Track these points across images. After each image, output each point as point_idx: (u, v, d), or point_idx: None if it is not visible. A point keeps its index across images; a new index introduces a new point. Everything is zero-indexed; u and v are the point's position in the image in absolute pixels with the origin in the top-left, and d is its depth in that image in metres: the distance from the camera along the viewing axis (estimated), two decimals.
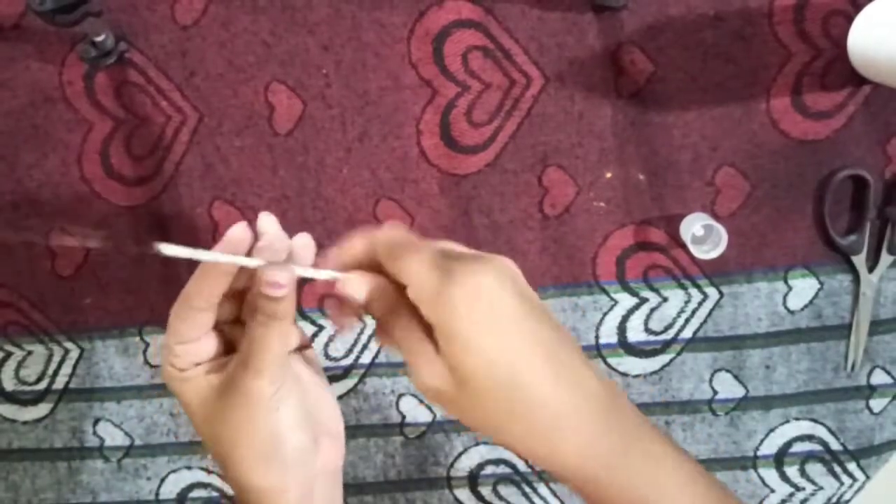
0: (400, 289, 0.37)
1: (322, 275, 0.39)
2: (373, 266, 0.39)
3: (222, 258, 0.37)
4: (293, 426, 0.40)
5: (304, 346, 0.43)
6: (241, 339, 0.39)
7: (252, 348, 0.38)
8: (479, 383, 0.36)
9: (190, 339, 0.39)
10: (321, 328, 0.61)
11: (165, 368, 0.40)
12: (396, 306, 0.38)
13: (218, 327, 0.40)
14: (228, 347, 0.41)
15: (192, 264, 0.61)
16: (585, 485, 0.37)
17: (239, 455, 0.39)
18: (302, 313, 0.60)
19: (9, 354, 0.63)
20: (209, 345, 0.40)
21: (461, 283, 0.35)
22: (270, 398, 0.38)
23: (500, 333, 0.36)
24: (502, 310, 0.36)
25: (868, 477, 0.60)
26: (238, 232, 0.38)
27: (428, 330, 0.36)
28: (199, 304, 0.38)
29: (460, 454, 0.62)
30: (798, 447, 0.60)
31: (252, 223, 0.59)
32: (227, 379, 0.39)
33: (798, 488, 0.61)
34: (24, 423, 0.64)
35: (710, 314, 0.59)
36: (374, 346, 0.61)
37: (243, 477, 0.39)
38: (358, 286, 0.38)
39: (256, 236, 0.39)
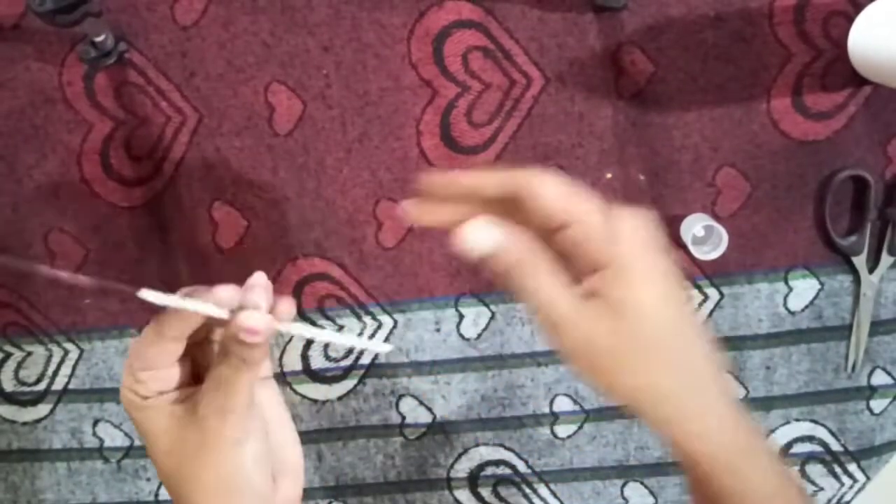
0: (535, 234, 0.35)
1: (295, 329, 0.38)
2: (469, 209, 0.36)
3: (202, 308, 0.36)
4: (254, 466, 0.39)
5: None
6: (209, 370, 0.38)
7: (221, 389, 0.37)
8: (648, 320, 0.34)
9: (157, 366, 0.38)
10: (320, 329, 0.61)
11: (125, 394, 0.38)
12: (532, 253, 0.35)
13: (185, 351, 0.39)
14: (194, 373, 0.40)
15: (190, 263, 0.61)
16: (715, 466, 0.36)
17: (198, 492, 0.38)
18: (301, 314, 0.60)
19: (8, 355, 0.63)
20: (175, 373, 0.39)
21: (639, 226, 0.35)
22: (236, 441, 0.38)
23: (667, 273, 0.35)
24: (666, 262, 0.35)
25: (868, 478, 0.60)
26: (227, 292, 0.37)
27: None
28: (173, 333, 0.37)
29: (460, 455, 0.62)
30: (799, 448, 0.60)
31: (252, 224, 0.59)
32: (191, 413, 0.38)
33: None
34: (24, 423, 0.64)
35: (710, 315, 0.59)
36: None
37: None
38: (487, 232, 0.35)
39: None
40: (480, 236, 0.34)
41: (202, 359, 0.40)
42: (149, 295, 0.35)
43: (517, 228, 0.35)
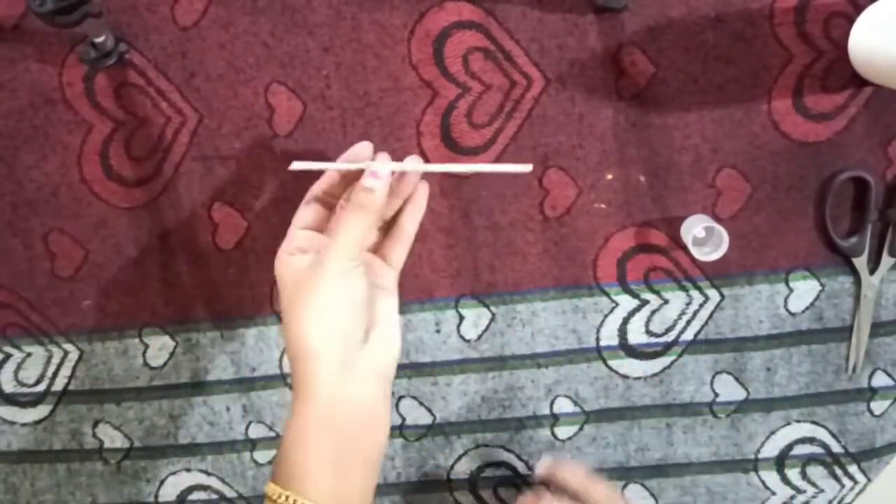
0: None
1: (399, 166, 0.49)
2: None
3: (343, 166, 0.50)
4: (347, 305, 0.46)
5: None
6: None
7: (336, 227, 0.46)
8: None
9: (308, 224, 0.49)
10: None
11: (280, 256, 0.48)
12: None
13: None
14: None
15: (190, 264, 0.61)
16: None
17: (296, 313, 0.45)
18: None
19: (8, 356, 0.63)
20: (315, 237, 0.49)
21: None
22: (338, 272, 0.45)
23: None
24: None
25: (869, 479, 0.60)
26: (361, 146, 0.51)
27: None
28: (315, 192, 0.50)
29: (460, 457, 0.62)
30: (799, 450, 0.60)
31: (252, 225, 0.59)
32: (314, 255, 0.47)
33: (799, 491, 0.61)
34: (24, 424, 0.64)
35: (711, 316, 0.59)
36: None
37: (292, 330, 0.45)
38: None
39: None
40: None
41: None
42: (299, 165, 0.49)
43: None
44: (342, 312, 0.45)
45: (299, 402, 0.45)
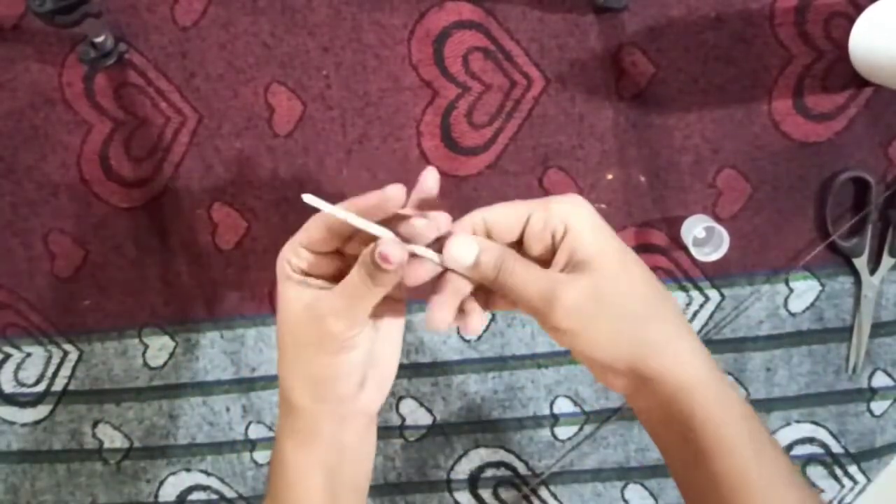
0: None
1: (430, 255, 0.41)
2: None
3: (356, 221, 0.40)
4: (349, 370, 0.42)
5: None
6: (346, 276, 0.42)
7: (346, 296, 0.40)
8: (625, 278, 0.39)
9: (314, 246, 0.43)
10: None
11: (280, 262, 0.43)
12: (508, 253, 0.40)
13: (337, 253, 0.44)
14: (337, 277, 0.44)
15: (190, 264, 0.61)
16: (691, 391, 0.39)
17: (290, 370, 0.43)
18: None
19: (8, 356, 0.63)
20: (324, 265, 0.43)
21: (568, 201, 0.40)
22: (343, 340, 0.41)
23: (608, 230, 0.40)
24: (600, 219, 0.41)
25: (869, 480, 0.60)
26: (392, 192, 0.41)
27: None
28: (334, 229, 0.42)
29: (460, 457, 0.62)
30: (799, 450, 0.60)
31: (252, 225, 0.59)
32: (317, 303, 0.41)
33: None
34: (24, 424, 0.64)
35: (711, 316, 0.59)
36: None
37: (286, 386, 0.43)
38: (468, 243, 0.40)
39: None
40: (463, 248, 0.40)
41: (346, 268, 0.43)
42: (312, 200, 0.40)
43: (488, 240, 0.41)
44: (339, 380, 0.42)
45: (297, 447, 0.44)
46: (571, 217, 0.40)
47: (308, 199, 0.40)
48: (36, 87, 0.58)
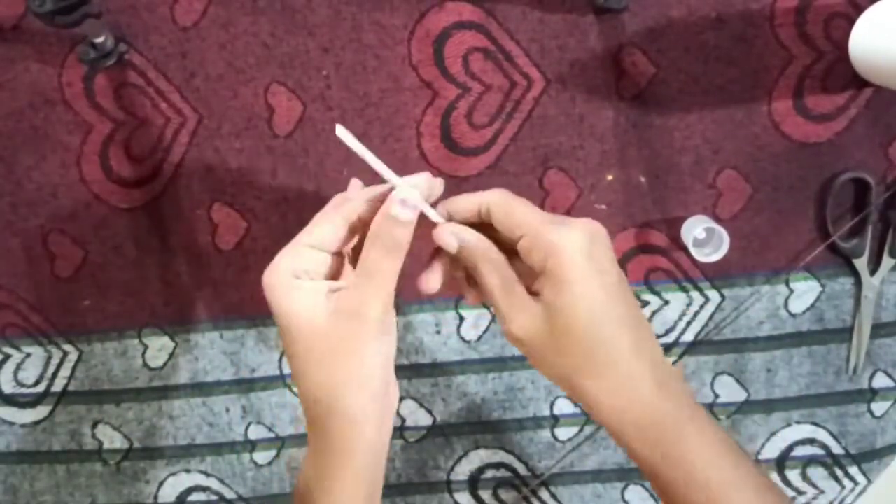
0: (496, 242, 0.41)
1: (433, 215, 0.41)
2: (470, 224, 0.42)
3: (376, 164, 0.40)
4: (386, 364, 0.41)
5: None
6: (354, 267, 0.41)
7: (371, 272, 0.39)
8: (575, 329, 0.39)
9: (322, 244, 0.41)
10: None
11: (278, 275, 0.41)
12: (489, 255, 0.41)
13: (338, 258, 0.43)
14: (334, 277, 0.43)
15: (190, 265, 0.61)
16: (646, 448, 0.40)
17: (335, 374, 0.40)
18: None
19: (7, 357, 0.63)
20: (330, 261, 0.42)
21: (579, 236, 0.39)
22: (379, 330, 0.40)
23: (604, 287, 0.39)
24: (607, 267, 0.39)
25: (870, 481, 0.60)
26: (420, 179, 0.42)
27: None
28: (344, 214, 0.42)
29: (460, 458, 0.62)
30: (800, 451, 0.60)
31: (252, 225, 0.59)
32: (343, 299, 0.40)
33: (800, 492, 0.61)
34: (23, 425, 0.64)
35: (711, 317, 0.59)
36: None
37: (330, 397, 0.40)
38: (452, 232, 0.41)
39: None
40: (447, 235, 0.41)
41: (339, 271, 0.43)
42: (343, 133, 0.40)
43: (477, 233, 0.41)
44: (380, 373, 0.41)
45: (335, 462, 0.42)
46: (552, 256, 0.39)
47: (340, 132, 0.40)
48: (36, 87, 0.58)
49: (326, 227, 0.41)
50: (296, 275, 0.41)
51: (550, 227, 0.39)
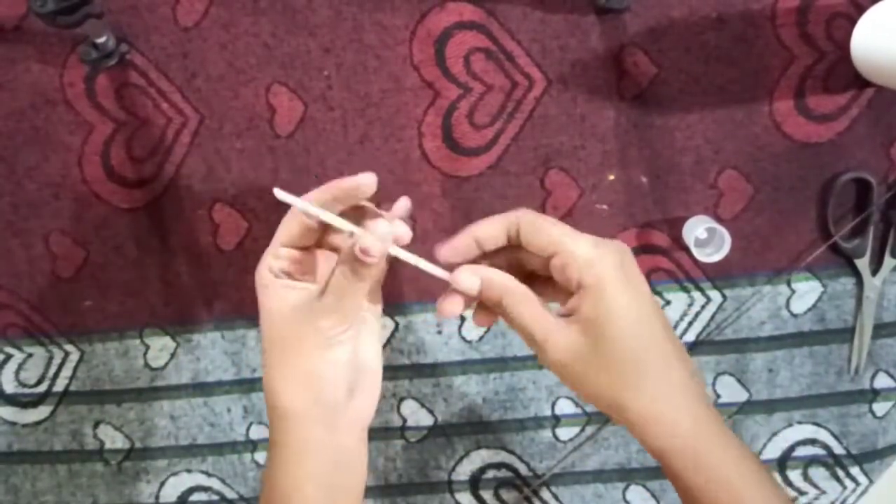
0: (518, 271, 0.42)
1: (403, 255, 0.42)
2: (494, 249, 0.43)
3: (327, 217, 0.42)
4: (337, 370, 0.43)
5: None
6: (328, 273, 0.42)
7: (333, 289, 0.41)
8: (619, 340, 0.39)
9: (296, 242, 0.44)
10: None
11: (261, 270, 0.44)
12: (514, 289, 0.41)
13: (318, 248, 0.46)
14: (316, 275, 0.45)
15: (191, 265, 0.61)
16: (681, 458, 0.41)
17: (279, 376, 0.43)
18: None
19: (9, 357, 0.63)
20: (305, 263, 0.45)
21: (613, 252, 0.40)
22: (331, 336, 0.42)
23: (642, 298, 0.40)
24: (641, 281, 0.41)
25: (871, 481, 0.60)
26: (363, 179, 0.43)
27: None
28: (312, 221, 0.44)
29: (462, 458, 0.62)
30: (801, 451, 0.60)
31: (253, 226, 0.59)
32: (304, 303, 0.42)
33: (801, 492, 0.61)
34: (24, 425, 0.64)
35: (712, 317, 0.59)
36: None
37: (276, 390, 0.43)
38: (471, 280, 0.42)
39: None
40: (466, 282, 0.42)
41: (327, 271, 0.44)
42: (284, 196, 0.42)
43: (499, 269, 0.42)
44: (329, 379, 0.43)
45: (288, 460, 0.43)
46: (590, 270, 0.40)
47: (279, 194, 0.42)
48: (37, 87, 0.58)
49: (293, 225, 0.44)
50: (274, 273, 0.43)
51: (584, 243, 0.40)
